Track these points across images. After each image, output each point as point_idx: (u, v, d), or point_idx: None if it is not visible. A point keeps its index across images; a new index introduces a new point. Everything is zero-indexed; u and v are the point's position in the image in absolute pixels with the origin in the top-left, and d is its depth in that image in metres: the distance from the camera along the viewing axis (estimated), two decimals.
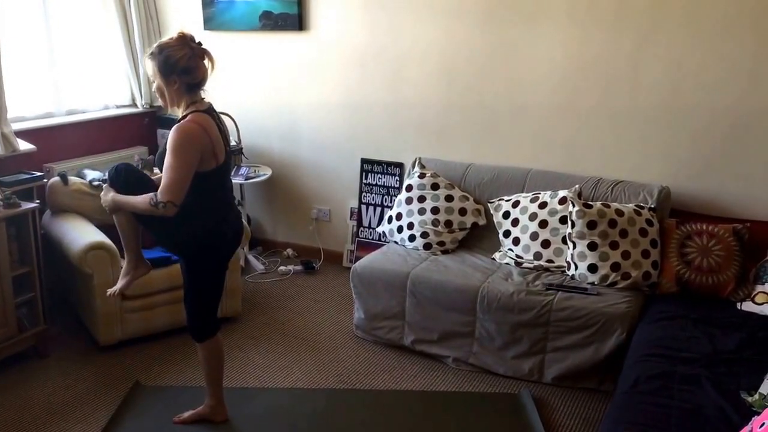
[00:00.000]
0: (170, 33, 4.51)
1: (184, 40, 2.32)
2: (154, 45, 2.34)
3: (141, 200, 2.31)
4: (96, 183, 3.64)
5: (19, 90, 3.83)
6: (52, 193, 3.57)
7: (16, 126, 3.66)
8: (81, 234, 3.27)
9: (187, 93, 2.35)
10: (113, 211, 2.42)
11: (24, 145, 3.60)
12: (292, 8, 4.16)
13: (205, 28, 4.52)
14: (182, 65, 2.29)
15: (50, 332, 3.33)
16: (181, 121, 2.32)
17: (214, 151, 2.33)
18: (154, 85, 2.38)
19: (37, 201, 3.32)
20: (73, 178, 3.68)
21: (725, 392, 2.18)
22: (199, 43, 2.37)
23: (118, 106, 4.56)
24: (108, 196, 2.41)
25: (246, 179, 4.19)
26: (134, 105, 4.63)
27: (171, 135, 2.27)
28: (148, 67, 2.35)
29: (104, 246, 3.18)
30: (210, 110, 2.41)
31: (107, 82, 4.49)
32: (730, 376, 2.30)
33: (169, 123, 4.73)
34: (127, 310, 3.29)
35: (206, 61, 2.37)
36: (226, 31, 4.47)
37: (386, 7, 3.94)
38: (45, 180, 3.56)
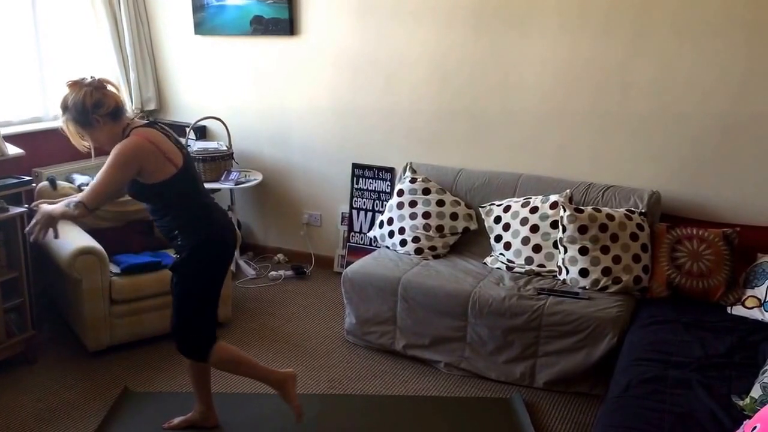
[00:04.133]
0: (161, 38, 4.51)
1: (76, 84, 2.34)
2: (60, 110, 2.36)
3: (60, 205, 2.33)
4: (85, 187, 3.61)
5: (6, 94, 3.80)
6: (40, 197, 3.53)
7: (4, 131, 3.64)
8: (70, 239, 3.24)
9: (114, 122, 2.36)
10: (48, 224, 2.34)
11: (12, 150, 3.57)
12: (283, 13, 4.16)
13: (195, 33, 4.51)
14: (91, 103, 2.30)
15: (38, 338, 3.30)
16: (124, 139, 2.33)
17: (167, 157, 2.33)
18: (88, 142, 2.39)
19: (26, 205, 3.29)
20: (61, 183, 3.65)
21: (717, 396, 2.19)
22: (92, 77, 2.38)
23: None
24: (42, 209, 2.36)
25: (236, 184, 4.18)
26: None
27: (113, 150, 2.30)
28: (70, 129, 2.36)
29: (93, 251, 3.16)
30: (151, 124, 2.42)
31: None
32: (722, 380, 2.31)
33: None
34: (115, 315, 3.26)
35: (109, 87, 2.39)
36: (216, 35, 4.46)
37: (377, 12, 3.95)
38: (33, 184, 3.53)
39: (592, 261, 3.09)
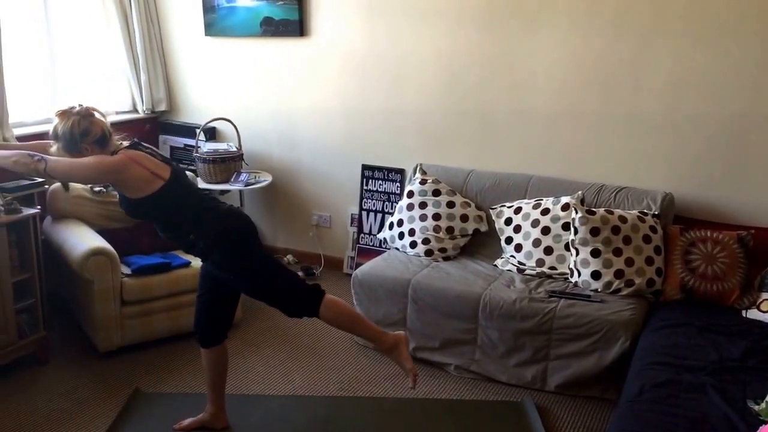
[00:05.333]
0: (172, 39, 4.52)
1: (65, 114, 2.40)
2: (51, 139, 2.43)
3: (17, 152, 2.37)
4: (97, 189, 3.63)
5: (19, 95, 3.82)
6: (53, 198, 3.56)
7: (17, 131, 3.66)
8: (81, 240, 3.25)
9: (102, 149, 2.41)
10: None
11: None
12: (293, 14, 4.16)
13: (205, 34, 4.52)
14: (78, 131, 2.36)
15: (50, 339, 3.31)
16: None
17: (152, 173, 2.38)
18: None
19: (38, 207, 3.30)
20: (73, 184, 3.66)
21: (731, 401, 2.17)
22: (80, 105, 2.44)
23: (119, 112, 4.56)
24: None
25: (246, 185, 4.18)
26: (135, 111, 4.64)
27: (98, 156, 2.37)
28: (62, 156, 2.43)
29: (105, 252, 3.16)
30: (134, 145, 2.47)
31: (108, 88, 4.48)
32: (736, 385, 2.28)
33: (171, 129, 4.74)
34: (126, 316, 3.27)
35: (97, 115, 2.45)
36: (226, 37, 4.46)
37: (387, 13, 3.94)
38: (46, 186, 3.54)
39: (605, 263, 3.07)
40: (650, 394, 2.24)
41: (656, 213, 3.20)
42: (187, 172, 3.95)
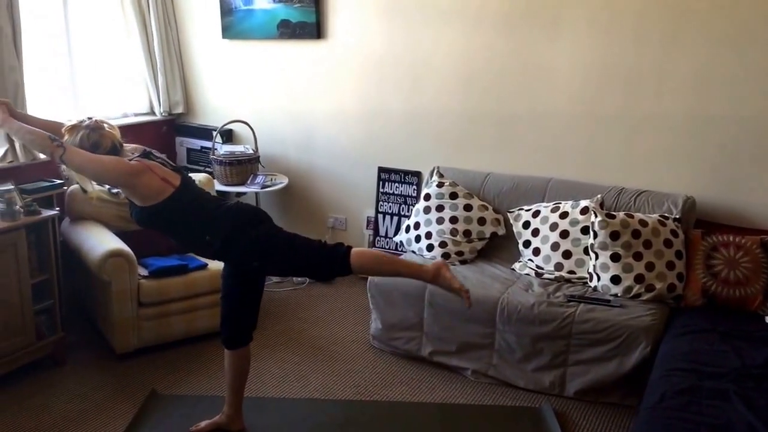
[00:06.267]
0: (189, 42, 4.54)
1: (73, 128, 2.45)
2: None
3: (39, 131, 2.39)
4: (115, 191, 3.65)
5: (38, 98, 3.85)
6: (71, 200, 3.58)
7: None
8: (100, 241, 3.27)
9: None
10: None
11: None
12: (310, 17, 4.16)
13: (223, 37, 4.53)
14: (89, 144, 2.41)
15: (67, 340, 3.33)
16: None
17: (163, 179, 2.41)
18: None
19: (57, 208, 3.33)
20: (93, 186, 3.68)
21: (755, 408, 2.12)
22: (89, 118, 2.49)
23: (136, 114, 4.59)
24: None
25: (262, 188, 4.18)
26: (152, 113, 4.66)
27: (117, 159, 2.41)
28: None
29: (123, 253, 3.18)
30: (146, 155, 2.50)
31: (126, 90, 4.51)
32: (760, 392, 2.23)
33: (188, 131, 4.76)
34: (143, 318, 3.28)
35: (106, 126, 2.49)
36: (244, 39, 4.48)
37: (404, 15, 3.93)
38: (65, 188, 3.57)
39: (625, 268, 3.03)
40: (672, 401, 2.20)
41: (677, 217, 3.15)
42: (204, 174, 4.00)
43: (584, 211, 3.25)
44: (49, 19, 3.95)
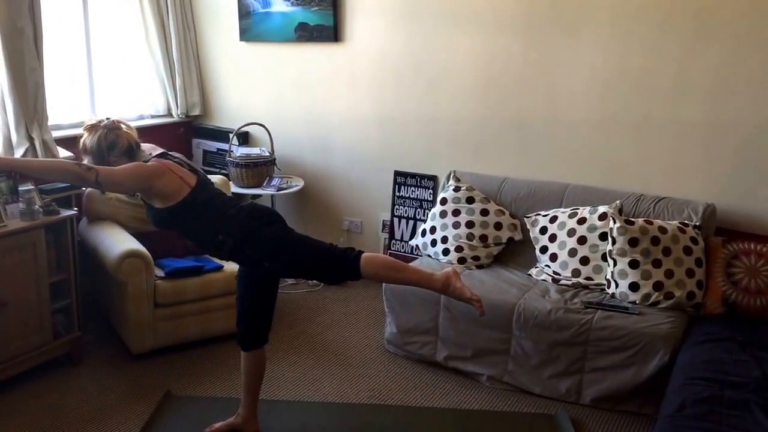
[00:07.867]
0: (207, 44, 4.55)
1: (92, 127, 2.48)
2: (81, 153, 2.52)
3: (57, 161, 2.46)
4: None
5: (57, 98, 3.88)
6: (89, 200, 3.60)
7: (55, 134, 3.71)
8: (117, 242, 3.28)
9: (130, 160, 2.47)
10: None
11: (63, 153, 3.64)
12: (328, 20, 4.17)
13: (240, 39, 4.55)
14: (106, 144, 2.44)
15: (83, 339, 3.35)
16: None
17: (183, 180, 2.43)
18: None
19: (75, 208, 3.35)
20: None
21: None
22: (107, 118, 2.51)
23: (153, 116, 4.61)
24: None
25: (278, 190, 4.19)
26: (170, 115, 4.68)
27: (133, 163, 2.43)
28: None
29: (139, 254, 3.19)
30: (163, 155, 2.52)
31: (143, 92, 4.54)
32: None
33: (205, 133, 4.78)
34: (159, 318, 3.29)
35: (123, 126, 2.51)
36: (261, 42, 4.49)
37: (423, 19, 3.92)
38: (83, 188, 3.59)
39: (643, 275, 3.00)
40: (691, 410, 2.17)
41: (697, 224, 3.12)
42: (220, 176, 4.01)
43: (602, 217, 3.22)
44: (68, 21, 3.98)
